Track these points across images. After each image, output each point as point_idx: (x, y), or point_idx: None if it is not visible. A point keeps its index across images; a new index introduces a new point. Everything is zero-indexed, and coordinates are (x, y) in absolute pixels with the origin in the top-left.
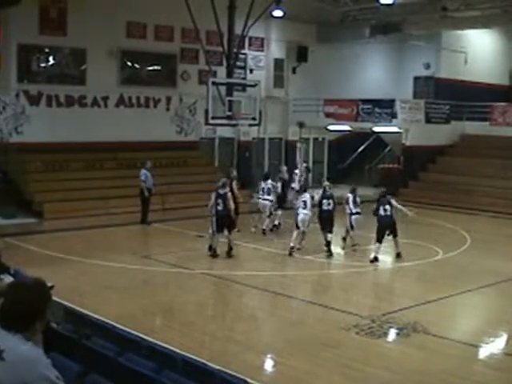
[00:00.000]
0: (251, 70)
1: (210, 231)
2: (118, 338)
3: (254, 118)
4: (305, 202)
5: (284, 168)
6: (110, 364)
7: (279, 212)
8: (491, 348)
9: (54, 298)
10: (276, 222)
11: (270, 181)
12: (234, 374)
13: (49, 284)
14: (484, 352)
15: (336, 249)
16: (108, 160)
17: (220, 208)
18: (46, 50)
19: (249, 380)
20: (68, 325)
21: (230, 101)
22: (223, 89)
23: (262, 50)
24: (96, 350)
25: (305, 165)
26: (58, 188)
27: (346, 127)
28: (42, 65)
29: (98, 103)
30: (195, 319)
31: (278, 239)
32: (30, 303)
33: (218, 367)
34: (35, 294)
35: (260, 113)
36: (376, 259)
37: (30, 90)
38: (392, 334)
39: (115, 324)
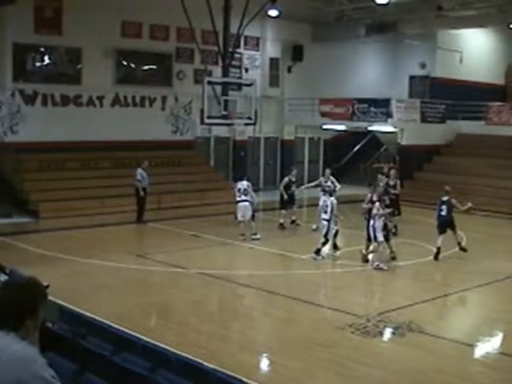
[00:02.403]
0: (247, 70)
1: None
2: (113, 338)
3: (249, 118)
4: (326, 206)
5: (294, 171)
6: (105, 363)
7: (283, 212)
8: (487, 347)
9: (50, 298)
10: (281, 221)
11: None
12: (229, 373)
13: (44, 283)
14: (479, 351)
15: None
16: (103, 159)
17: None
18: (42, 50)
19: (244, 379)
20: (63, 324)
21: (225, 100)
22: (219, 88)
23: (258, 50)
24: (91, 349)
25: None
26: (53, 187)
27: (341, 127)
28: (38, 64)
29: (93, 103)
30: (191, 319)
31: (272, 239)
32: (19, 302)
33: (213, 367)
34: (25, 292)
35: (255, 112)
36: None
37: (25, 90)
38: (387, 334)
39: (110, 323)
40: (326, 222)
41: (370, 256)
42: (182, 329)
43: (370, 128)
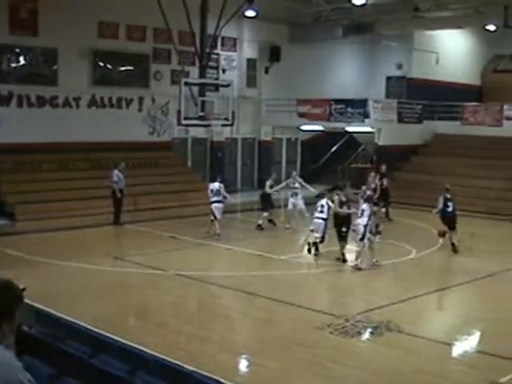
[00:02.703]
0: (224, 70)
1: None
2: (91, 340)
3: (226, 119)
4: (322, 206)
5: (273, 175)
6: (83, 366)
7: (265, 214)
8: (464, 346)
9: (26, 301)
10: (260, 222)
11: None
12: (208, 374)
13: (21, 286)
14: (457, 350)
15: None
16: (80, 161)
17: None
18: (17, 50)
19: (223, 381)
20: (41, 327)
21: (202, 101)
22: (196, 89)
23: (235, 50)
24: (69, 352)
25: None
26: (30, 189)
27: (318, 127)
28: (13, 65)
29: (69, 104)
30: (169, 320)
31: (250, 240)
32: None
33: (192, 368)
34: (2, 295)
35: (233, 113)
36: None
37: (0, 91)
38: (366, 333)
39: (88, 326)
40: (322, 221)
41: (348, 256)
42: (160, 330)
43: (347, 128)
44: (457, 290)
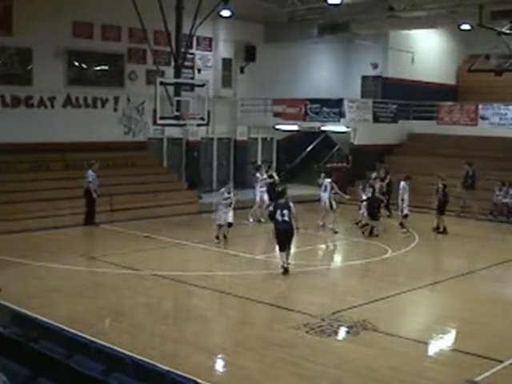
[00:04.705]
0: (199, 70)
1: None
2: (66, 341)
3: (202, 118)
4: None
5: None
6: (58, 367)
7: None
8: (440, 344)
9: (1, 302)
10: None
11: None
12: (184, 375)
13: None
14: (433, 348)
15: None
16: (55, 161)
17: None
18: None
19: (199, 381)
20: (15, 328)
21: (178, 101)
22: (171, 89)
23: (210, 50)
24: (44, 353)
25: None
26: (4, 189)
27: (294, 127)
28: None
29: (44, 104)
30: (145, 321)
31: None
32: None
33: (168, 368)
34: None
35: (208, 113)
36: None
37: None
38: (342, 332)
39: (64, 327)
40: None
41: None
42: (136, 331)
43: (322, 128)
44: (432, 289)
